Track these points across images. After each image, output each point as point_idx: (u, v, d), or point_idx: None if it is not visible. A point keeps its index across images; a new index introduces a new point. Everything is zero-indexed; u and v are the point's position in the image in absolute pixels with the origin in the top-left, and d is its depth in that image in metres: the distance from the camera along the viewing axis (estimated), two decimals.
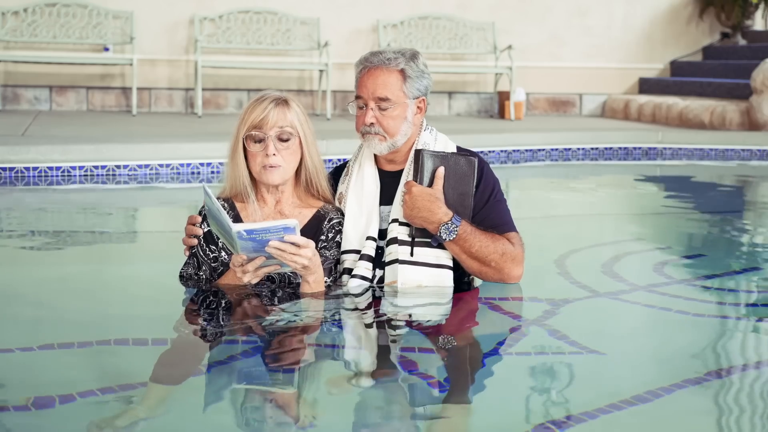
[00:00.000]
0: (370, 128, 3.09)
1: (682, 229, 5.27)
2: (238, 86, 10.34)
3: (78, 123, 8.63)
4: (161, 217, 5.80)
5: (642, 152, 8.76)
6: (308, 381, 2.50)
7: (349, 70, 10.03)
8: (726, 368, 2.62)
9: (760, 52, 10.51)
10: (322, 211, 3.12)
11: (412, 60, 3.11)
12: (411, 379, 2.48)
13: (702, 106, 9.75)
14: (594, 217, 5.72)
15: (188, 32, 10.13)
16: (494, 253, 3.07)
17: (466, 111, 11.07)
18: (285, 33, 10.25)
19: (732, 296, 3.51)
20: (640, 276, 3.79)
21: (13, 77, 9.82)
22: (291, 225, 2.76)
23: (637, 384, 2.43)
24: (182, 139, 7.42)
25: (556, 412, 2.27)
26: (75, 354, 2.62)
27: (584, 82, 11.35)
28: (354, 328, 2.94)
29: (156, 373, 2.46)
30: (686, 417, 2.29)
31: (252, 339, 2.76)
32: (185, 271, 3.14)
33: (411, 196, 3.02)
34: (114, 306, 3.24)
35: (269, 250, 2.79)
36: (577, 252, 4.25)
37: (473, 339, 2.90)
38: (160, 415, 2.22)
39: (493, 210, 3.14)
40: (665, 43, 11.57)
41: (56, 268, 3.97)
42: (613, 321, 3.19)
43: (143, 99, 10.13)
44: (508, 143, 8.39)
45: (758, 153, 8.64)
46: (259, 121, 2.97)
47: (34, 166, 6.50)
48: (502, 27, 10.85)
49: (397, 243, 3.06)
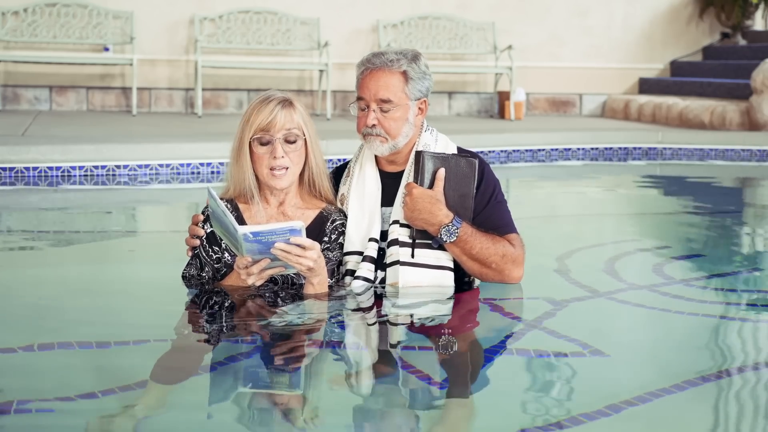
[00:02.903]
0: (371, 130, 3.09)
1: (682, 229, 5.27)
2: (238, 86, 10.34)
3: (78, 123, 8.63)
4: (161, 217, 5.80)
5: (642, 152, 8.76)
6: (310, 381, 2.50)
7: (349, 70, 10.05)
8: (726, 368, 2.62)
9: (760, 52, 10.51)
10: (325, 212, 3.12)
11: (414, 61, 3.11)
12: (412, 379, 2.48)
13: (702, 106, 9.75)
14: (594, 217, 5.72)
15: (188, 32, 10.13)
16: (495, 254, 3.07)
17: (466, 111, 11.07)
18: (285, 33, 10.25)
19: (732, 296, 3.51)
20: (640, 276, 3.79)
21: (13, 77, 9.82)
22: (297, 227, 2.76)
23: (637, 384, 2.44)
24: (182, 139, 7.42)
25: (556, 412, 2.27)
26: (75, 354, 2.62)
27: (584, 82, 11.35)
28: (356, 328, 2.94)
29: (157, 373, 2.46)
30: (686, 417, 2.29)
31: (254, 339, 2.76)
32: (188, 271, 3.14)
33: (411, 197, 3.02)
34: (114, 306, 3.23)
35: (275, 252, 2.78)
36: (577, 252, 4.25)
37: (473, 339, 2.90)
38: (161, 416, 2.22)
39: (493, 211, 3.14)
40: (665, 43, 11.57)
41: (56, 268, 3.96)
42: (613, 321, 3.19)
43: (143, 99, 10.13)
44: (508, 143, 8.39)
45: (758, 153, 8.64)
46: (267, 124, 2.96)
47: (34, 166, 6.50)
48: (502, 27, 10.85)
49: (398, 245, 3.06)
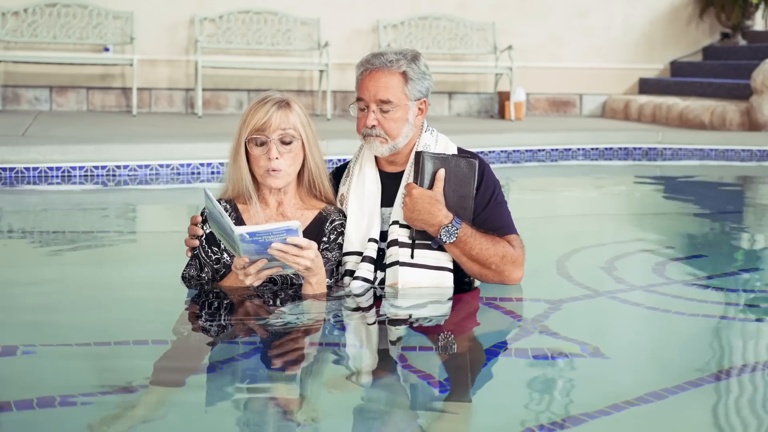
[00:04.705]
0: (371, 130, 3.09)
1: (682, 229, 5.27)
2: (238, 86, 10.34)
3: (78, 123, 8.63)
4: (161, 218, 5.80)
5: (642, 152, 8.75)
6: (309, 381, 2.50)
7: (349, 70, 10.04)
8: (726, 369, 2.62)
9: (760, 52, 10.51)
10: (324, 212, 3.12)
11: (413, 62, 3.11)
12: (412, 379, 2.48)
13: (702, 106, 9.75)
14: (594, 217, 5.72)
15: (188, 32, 10.13)
16: (494, 255, 3.06)
17: (466, 111, 11.07)
18: (285, 33, 10.25)
19: (732, 296, 3.51)
20: (640, 276, 3.79)
21: (14, 77, 9.82)
22: (293, 227, 2.76)
23: (638, 384, 2.44)
24: (182, 139, 7.42)
25: (557, 412, 2.27)
26: (74, 355, 2.62)
27: (584, 83, 11.35)
28: (355, 328, 2.94)
29: (156, 374, 2.46)
30: (687, 417, 2.29)
31: (253, 340, 2.76)
32: (187, 272, 3.14)
33: (411, 198, 3.02)
34: (114, 307, 3.23)
35: (272, 252, 2.78)
36: (577, 252, 4.25)
37: (474, 339, 2.90)
38: (161, 417, 2.22)
39: (493, 212, 3.14)
40: (665, 43, 11.57)
41: (56, 268, 3.96)
42: (613, 321, 3.19)
43: (143, 99, 10.13)
44: (508, 143, 8.39)
45: (758, 153, 8.64)
46: (262, 125, 2.96)
47: (34, 166, 6.50)
48: (502, 27, 10.85)
49: (397, 245, 3.06)
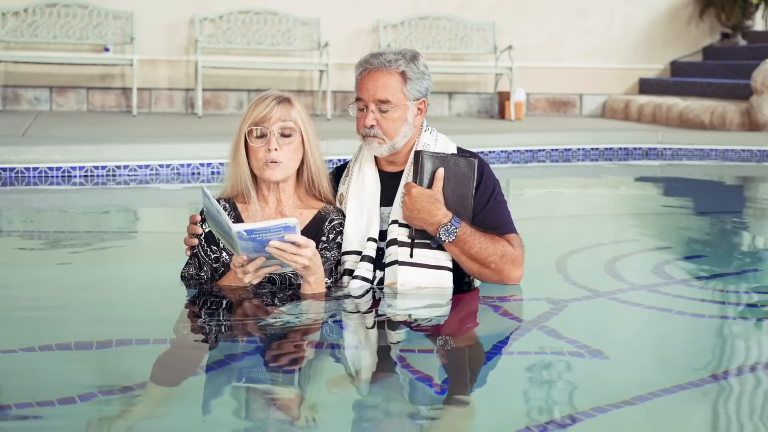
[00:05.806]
0: (370, 130, 3.09)
1: (682, 229, 5.27)
2: (238, 86, 10.34)
3: (78, 123, 8.63)
4: (161, 218, 5.80)
5: (642, 152, 8.75)
6: (309, 381, 2.50)
7: (349, 70, 10.02)
8: (726, 369, 2.62)
9: (760, 52, 10.51)
10: (323, 212, 3.12)
11: (412, 61, 3.11)
12: (411, 380, 2.48)
13: (702, 106, 9.75)
14: (594, 217, 5.72)
15: (188, 32, 10.13)
16: (494, 254, 3.06)
17: (466, 111, 11.07)
18: (285, 33, 10.25)
19: (732, 296, 3.51)
20: (640, 276, 3.79)
21: (14, 77, 9.82)
22: (291, 224, 2.76)
23: (638, 384, 2.43)
24: (182, 139, 7.42)
25: (557, 412, 2.27)
26: (74, 355, 2.62)
27: (584, 83, 11.35)
28: (354, 328, 2.94)
29: (156, 373, 2.46)
30: (687, 417, 2.29)
31: (252, 339, 2.76)
32: (186, 271, 3.14)
33: (410, 197, 3.02)
34: (114, 306, 3.23)
35: (269, 250, 2.78)
36: (577, 252, 4.25)
37: (473, 339, 2.90)
38: (160, 416, 2.22)
39: (493, 211, 3.14)
40: (665, 43, 11.56)
41: (56, 268, 3.96)
42: (613, 321, 3.19)
43: (143, 99, 10.13)
44: (508, 143, 8.39)
45: (758, 153, 8.64)
46: (262, 117, 2.98)
47: (34, 167, 6.50)
48: (502, 27, 10.85)
49: (396, 244, 3.06)
